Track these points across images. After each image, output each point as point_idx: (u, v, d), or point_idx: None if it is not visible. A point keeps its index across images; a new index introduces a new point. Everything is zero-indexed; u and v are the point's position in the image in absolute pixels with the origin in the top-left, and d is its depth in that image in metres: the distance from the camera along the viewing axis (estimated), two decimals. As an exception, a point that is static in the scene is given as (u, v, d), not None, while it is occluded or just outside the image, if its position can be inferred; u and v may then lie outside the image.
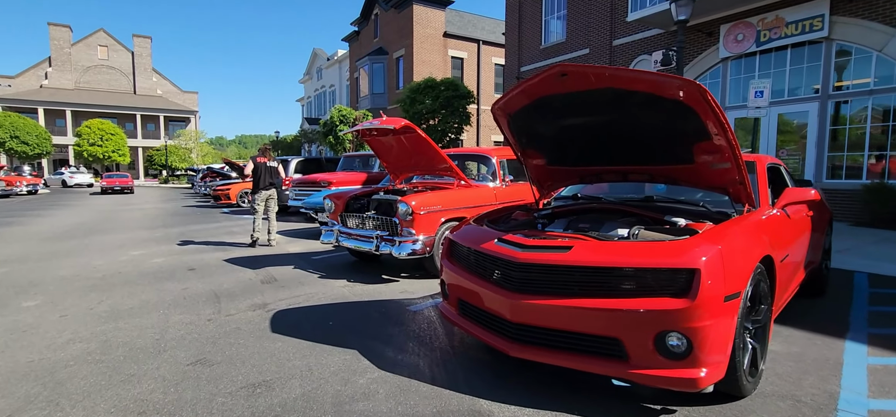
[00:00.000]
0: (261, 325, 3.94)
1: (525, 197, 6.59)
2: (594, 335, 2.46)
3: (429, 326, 3.89)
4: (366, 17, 31.15)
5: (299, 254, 7.31)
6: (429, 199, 5.46)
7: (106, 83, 53.20)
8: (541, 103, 3.18)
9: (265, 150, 8.21)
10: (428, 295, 4.86)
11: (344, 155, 14.45)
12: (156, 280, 5.67)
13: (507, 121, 3.57)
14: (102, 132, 43.75)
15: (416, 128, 5.58)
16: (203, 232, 9.99)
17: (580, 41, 15.71)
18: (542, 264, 2.60)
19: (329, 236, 6.17)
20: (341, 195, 6.39)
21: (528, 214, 3.80)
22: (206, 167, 27.11)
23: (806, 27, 10.18)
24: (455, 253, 3.39)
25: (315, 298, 4.78)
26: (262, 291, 5.07)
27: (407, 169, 6.73)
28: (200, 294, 4.99)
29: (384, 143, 6.38)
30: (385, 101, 28.58)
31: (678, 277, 2.32)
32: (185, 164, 46.17)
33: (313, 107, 45.89)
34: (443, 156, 5.87)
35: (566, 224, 3.34)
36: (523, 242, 2.77)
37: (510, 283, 2.72)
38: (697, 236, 2.51)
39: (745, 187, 2.99)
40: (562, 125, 3.38)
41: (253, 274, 5.91)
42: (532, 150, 3.76)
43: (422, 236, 5.32)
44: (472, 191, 6.03)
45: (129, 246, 8.23)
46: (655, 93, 2.68)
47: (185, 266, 6.51)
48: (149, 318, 4.16)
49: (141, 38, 55.15)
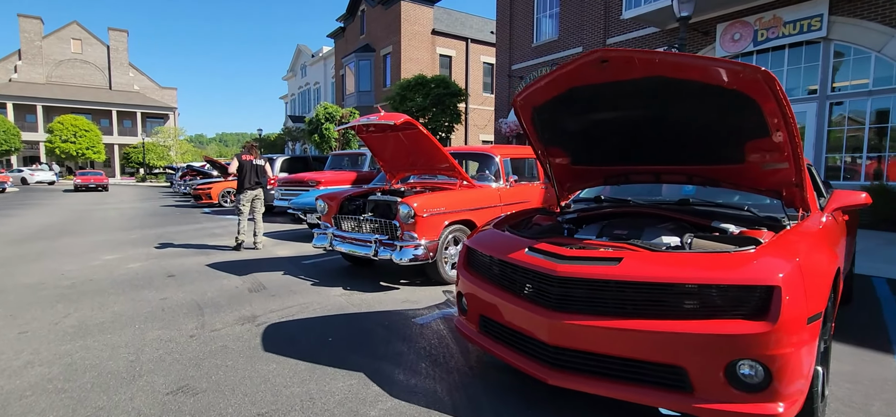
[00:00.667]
0: (251, 343, 3.51)
1: (530, 198, 6.26)
2: (651, 362, 2.11)
3: (440, 342, 3.50)
4: (352, 14, 30.56)
5: (288, 258, 6.86)
6: (431, 201, 5.07)
7: (79, 78, 51.39)
8: (572, 94, 2.83)
9: (251, 147, 7.72)
10: (433, 305, 4.48)
11: (332, 153, 13.96)
12: (131, 288, 5.17)
13: (530, 116, 3.21)
14: (76, 128, 42.19)
15: (418, 124, 5.19)
16: (183, 234, 9.42)
17: (573, 39, 15.48)
18: (587, 279, 2.24)
19: (322, 239, 5.74)
20: (335, 195, 5.96)
21: (550, 218, 3.44)
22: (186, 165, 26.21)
23: (804, 27, 10.08)
24: (474, 263, 3.01)
25: (310, 309, 4.35)
26: (251, 301, 4.62)
27: (404, 168, 6.33)
28: (181, 304, 4.53)
29: (381, 140, 5.97)
30: (372, 99, 28.04)
31: (752, 296, 1.99)
32: (163, 162, 44.84)
33: (297, 105, 45.02)
34: (445, 154, 5.49)
35: (599, 230, 3.00)
36: (561, 252, 2.41)
37: (547, 300, 2.36)
38: (766, 246, 2.18)
39: (802, 190, 2.68)
40: (593, 119, 3.04)
41: (239, 281, 5.45)
42: (556, 148, 3.40)
43: (424, 240, 4.93)
44: (476, 192, 5.66)
45: (102, 249, 7.65)
46: (713, 82, 2.34)
47: (163, 272, 6.00)
48: (122, 335, 3.69)
49: (117, 31, 53.44)
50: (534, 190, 6.43)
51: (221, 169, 17.20)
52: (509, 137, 16.97)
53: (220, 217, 12.85)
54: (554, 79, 2.79)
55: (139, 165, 46.59)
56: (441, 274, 5.14)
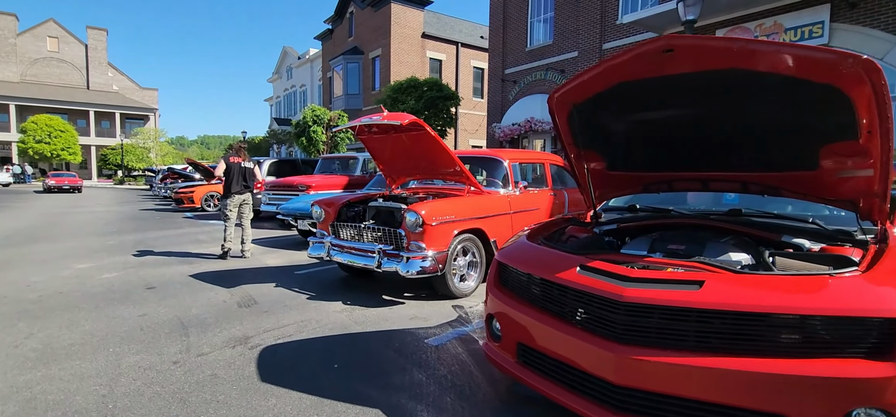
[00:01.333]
0: (245, 370, 3.07)
1: (540, 205, 5.92)
2: (744, 409, 1.75)
3: (462, 369, 3.11)
4: (340, 15, 30.06)
5: (280, 268, 6.38)
6: (440, 208, 4.68)
7: (56, 77, 49.71)
8: (621, 90, 2.48)
9: (239, 149, 7.23)
10: (444, 322, 4.08)
11: (322, 156, 13.46)
12: (106, 302, 4.66)
13: (567, 115, 2.85)
14: (50, 128, 40.70)
15: (425, 125, 4.79)
16: (164, 241, 8.85)
17: (568, 44, 15.28)
18: (662, 305, 1.88)
19: (318, 248, 5.29)
20: (332, 201, 5.53)
21: (585, 230, 3.08)
22: (167, 167, 25.34)
23: (805, 33, 9.97)
24: (508, 281, 2.63)
25: (309, 328, 3.91)
26: (241, 318, 4.16)
27: (406, 171, 5.93)
28: (163, 322, 4.05)
29: (382, 142, 5.56)
30: (360, 102, 27.56)
31: (871, 330, 1.65)
32: (142, 165, 43.56)
33: (282, 108, 44.23)
34: (453, 157, 5.11)
35: (650, 244, 2.64)
36: (625, 273, 2.04)
37: (609, 330, 1.99)
38: (879, 270, 1.85)
39: (883, 201, 2.36)
40: (640, 119, 2.69)
41: (227, 295, 4.97)
42: (592, 151, 3.04)
43: (432, 251, 4.53)
44: (485, 198, 5.29)
45: (74, 257, 7.06)
46: (802, 75, 2.01)
47: (142, 283, 5.48)
48: (94, 361, 3.21)
49: (96, 29, 51.88)
50: (543, 196, 6.08)
51: (204, 171, 16.52)
52: (502, 142, 16.68)
53: (203, 222, 12.25)
54: (601, 73, 2.43)
55: (117, 167, 45.19)
56: (449, 288, 4.74)
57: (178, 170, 20.97)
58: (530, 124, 15.14)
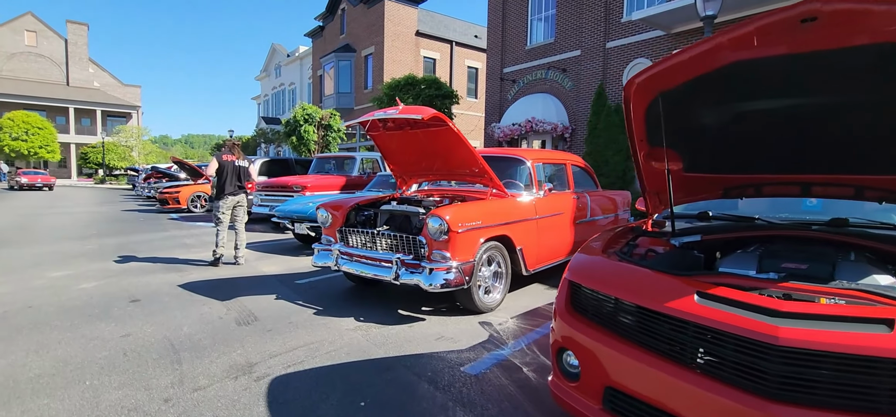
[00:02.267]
0: (252, 410, 2.53)
1: (565, 209, 5.46)
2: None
3: (513, 407, 2.61)
4: (332, 12, 29.38)
5: (278, 277, 5.82)
6: (466, 213, 4.17)
7: (34, 72, 48.04)
8: (733, 72, 2.01)
9: (233, 146, 6.64)
10: (477, 344, 3.57)
11: (317, 156, 12.87)
12: (83, 319, 4.07)
13: (646, 104, 2.37)
14: (28, 125, 39.23)
15: (448, 120, 4.29)
16: (148, 245, 8.20)
17: (571, 42, 14.90)
18: (837, 352, 1.40)
19: (325, 257, 4.75)
20: (340, 204, 4.99)
21: (661, 242, 2.60)
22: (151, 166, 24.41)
23: (821, 33, 9.67)
24: (585, 306, 2.14)
25: (322, 352, 3.38)
26: (242, 340, 3.61)
27: (420, 172, 5.42)
28: (150, 344, 3.48)
29: (395, 139, 5.04)
30: (351, 101, 26.94)
31: None
32: (125, 163, 42.24)
33: (270, 106, 43.32)
34: (476, 157, 4.61)
35: (756, 261, 2.16)
36: (772, 305, 1.57)
37: (758, 383, 1.50)
38: None
39: None
40: (746, 109, 2.23)
41: (222, 309, 4.40)
42: (670, 149, 2.57)
43: (457, 261, 4.02)
44: (510, 203, 4.80)
45: (48, 264, 6.41)
46: None
47: (125, 294, 4.89)
48: (66, 398, 2.64)
49: (76, 24, 50.30)
50: (567, 200, 5.62)
51: (190, 171, 15.78)
52: (502, 143, 16.23)
53: (190, 224, 11.57)
54: (709, 51, 1.96)
55: (98, 166, 43.78)
56: (475, 302, 4.24)
57: (162, 169, 20.14)
58: (531, 124, 14.71)
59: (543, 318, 4.23)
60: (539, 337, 3.74)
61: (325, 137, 20.97)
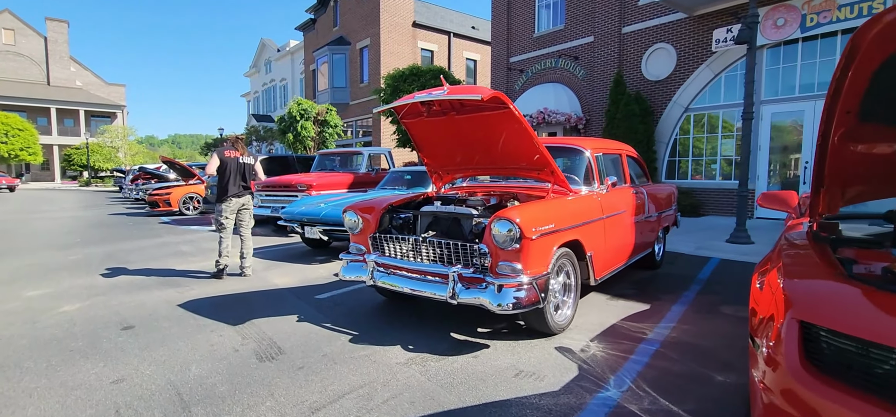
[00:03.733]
0: None
1: (626, 207, 4.73)
2: None
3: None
4: (324, 4, 28.36)
5: (293, 291, 5.02)
6: (539, 214, 3.40)
7: (12, 72, 46.27)
8: None
9: (236, 141, 5.80)
10: (570, 381, 2.82)
11: (320, 153, 12.02)
12: (63, 356, 3.25)
13: (881, 60, 1.63)
14: (7, 127, 37.68)
15: (509, 102, 3.51)
16: (140, 253, 7.33)
17: (583, 28, 14.16)
18: None
19: (357, 269, 3.96)
20: (371, 206, 4.19)
21: (880, 254, 1.86)
22: (138, 167, 23.31)
23: (864, 10, 9.05)
24: (825, 360, 1.39)
25: (377, 399, 2.60)
26: (268, 383, 2.82)
27: (463, 166, 4.64)
28: (150, 394, 2.68)
29: (435, 127, 4.25)
30: (346, 96, 26.02)
31: None
32: (110, 165, 40.85)
33: (261, 103, 42.15)
34: (539, 146, 3.84)
35: None
36: None
37: None
38: None
39: None
40: None
41: (237, 338, 3.60)
42: (890, 125, 1.82)
43: (529, 274, 3.26)
44: (577, 201, 4.04)
45: (24, 280, 5.54)
46: None
47: (116, 319, 4.07)
48: (35, 496, 1.85)
49: (56, 21, 48.55)
50: (627, 195, 4.89)
51: (181, 171, 14.87)
52: (510, 136, 15.50)
53: (183, 228, 10.67)
54: None
55: (83, 168, 42.32)
56: (548, 322, 3.49)
57: (150, 170, 19.12)
58: (544, 115, 13.97)
59: (629, 340, 3.50)
60: (641, 368, 3.00)
61: (321, 133, 20.07)
